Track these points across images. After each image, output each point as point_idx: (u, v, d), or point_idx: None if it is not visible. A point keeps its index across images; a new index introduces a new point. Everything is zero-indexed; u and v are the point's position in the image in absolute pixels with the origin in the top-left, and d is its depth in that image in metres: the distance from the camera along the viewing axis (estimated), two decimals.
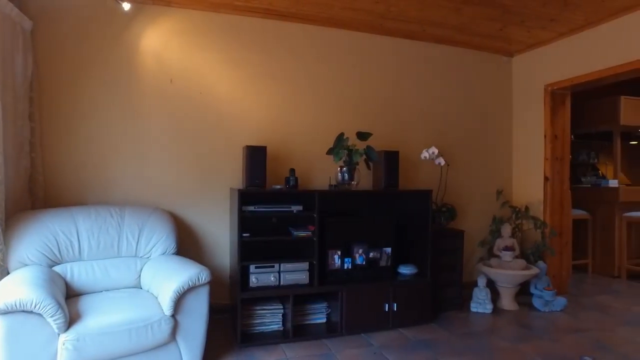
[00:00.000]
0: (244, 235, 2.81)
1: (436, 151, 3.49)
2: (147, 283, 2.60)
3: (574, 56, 3.77)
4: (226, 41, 3.33)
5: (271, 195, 3.18)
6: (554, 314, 3.52)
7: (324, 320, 3.17)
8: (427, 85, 4.01)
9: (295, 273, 2.93)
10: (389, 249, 3.18)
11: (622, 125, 5.03)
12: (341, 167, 3.16)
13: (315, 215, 2.93)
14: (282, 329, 2.98)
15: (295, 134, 3.50)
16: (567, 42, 3.86)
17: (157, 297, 2.37)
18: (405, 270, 3.26)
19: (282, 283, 2.90)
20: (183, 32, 3.23)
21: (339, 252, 3.06)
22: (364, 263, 3.13)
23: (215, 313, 3.18)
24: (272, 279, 2.87)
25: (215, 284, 3.19)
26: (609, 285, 4.50)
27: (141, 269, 2.69)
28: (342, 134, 3.12)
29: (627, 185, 5.96)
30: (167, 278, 2.35)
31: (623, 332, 3.13)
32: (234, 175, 3.33)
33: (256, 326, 2.93)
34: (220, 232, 3.31)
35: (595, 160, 6.60)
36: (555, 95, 4.02)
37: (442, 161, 3.53)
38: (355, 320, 3.00)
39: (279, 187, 2.98)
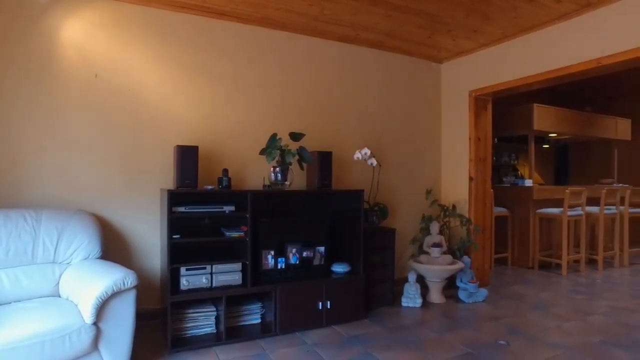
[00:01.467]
0: (174, 236, 2.73)
1: (368, 152, 3.60)
2: (66, 291, 2.44)
3: (494, 65, 4.07)
4: (157, 37, 3.21)
5: (203, 196, 3.12)
6: (477, 304, 3.76)
7: (259, 321, 3.16)
8: (361, 88, 4.13)
9: (228, 274, 2.89)
10: (322, 248, 3.23)
11: (536, 130, 5.51)
12: (274, 168, 3.17)
13: (247, 216, 2.92)
14: (215, 331, 2.93)
15: (228, 133, 3.46)
16: (488, 52, 4.15)
17: (77, 305, 2.24)
18: (339, 268, 3.33)
19: (214, 285, 2.85)
20: (109, 25, 3.06)
21: (273, 252, 3.07)
22: (298, 262, 3.16)
23: (146, 318, 3.07)
24: (204, 280, 2.82)
25: (145, 288, 3.09)
26: (524, 276, 4.90)
27: (60, 276, 2.53)
28: (274, 135, 3.13)
29: (540, 184, 6.53)
30: (89, 284, 2.23)
31: (532, 317, 3.43)
32: (165, 176, 3.22)
33: (188, 330, 2.86)
34: (150, 234, 3.19)
35: (516, 162, 7.16)
36: (478, 101, 4.31)
37: (374, 162, 3.65)
38: (289, 320, 3.02)
39: (210, 187, 2.93)
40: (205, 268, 2.82)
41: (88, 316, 2.10)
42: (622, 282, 4.70)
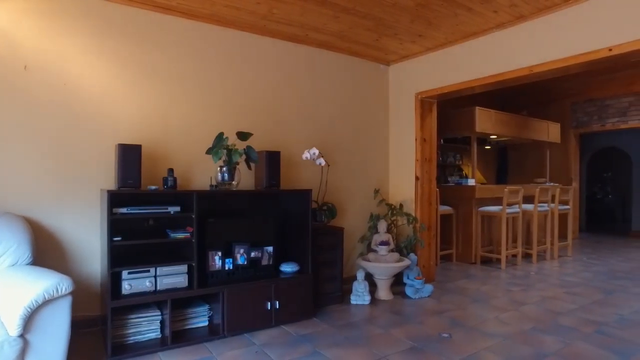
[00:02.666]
0: (115, 239, 2.61)
1: (317, 152, 3.63)
2: None
3: (439, 69, 4.23)
4: (95, 29, 3.05)
5: (147, 197, 3.02)
6: (423, 300, 3.90)
7: (206, 324, 3.09)
8: (310, 88, 4.16)
9: (173, 276, 2.81)
10: (270, 248, 3.22)
11: (478, 132, 5.79)
12: (221, 167, 3.11)
13: (193, 216, 2.85)
14: (160, 336, 2.83)
15: (174, 132, 3.36)
16: (433, 56, 4.32)
17: (0, 317, 2.08)
18: (287, 268, 3.33)
19: (159, 288, 2.76)
20: (41, 13, 2.87)
21: (220, 253, 3.02)
22: (246, 263, 3.12)
23: (85, 326, 2.93)
24: (148, 284, 2.72)
25: (83, 295, 2.94)
26: (468, 271, 5.14)
27: None
28: (221, 134, 3.08)
29: (482, 184, 6.88)
30: (16, 292, 2.07)
31: (473, 309, 3.61)
32: (106, 176, 3.07)
33: (130, 336, 2.74)
34: (90, 238, 3.02)
35: (460, 162, 7.48)
36: (424, 103, 4.47)
37: (322, 162, 3.68)
38: (237, 321, 2.98)
39: (154, 187, 2.83)
40: (148, 271, 2.72)
41: (14, 328, 1.95)
42: (552, 273, 5.05)
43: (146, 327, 2.79)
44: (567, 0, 3.17)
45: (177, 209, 2.87)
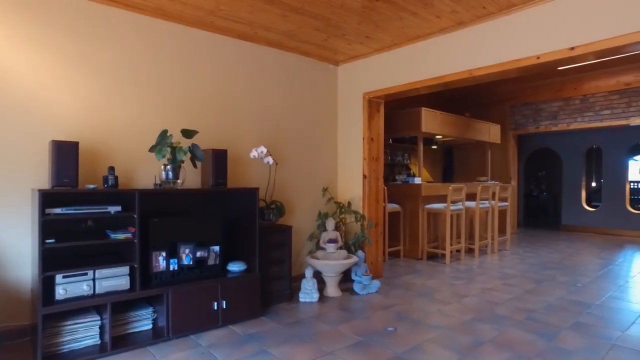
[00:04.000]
0: (48, 241, 2.47)
1: (265, 150, 3.62)
2: None
3: (386, 70, 4.35)
4: (31, 19, 2.86)
5: (85, 196, 2.88)
6: (370, 295, 3.99)
7: (150, 326, 3.00)
8: (259, 86, 4.13)
9: (113, 279, 2.70)
10: (217, 247, 3.17)
11: (424, 132, 6.00)
12: (165, 166, 3.02)
13: (135, 216, 2.75)
14: (99, 342, 2.71)
15: (116, 129, 3.22)
16: (380, 58, 4.43)
17: None
18: (235, 267, 3.30)
19: (98, 291, 2.64)
20: None
21: (164, 254, 2.94)
22: (192, 263, 3.06)
23: (13, 338, 2.74)
24: (86, 288, 2.59)
25: (11, 303, 2.75)
26: (414, 266, 5.32)
27: None
28: (165, 131, 2.99)
29: (429, 182, 7.14)
30: None
31: (418, 303, 3.75)
32: (39, 175, 2.89)
33: (65, 344, 2.60)
34: (20, 241, 2.83)
35: (408, 161, 7.72)
36: (372, 103, 4.57)
37: (270, 160, 3.68)
38: (183, 322, 2.92)
39: (93, 186, 2.70)
40: (86, 274, 2.60)
41: None
42: (492, 267, 5.34)
43: (83, 333, 2.66)
44: (502, 10, 3.36)
45: (118, 208, 2.76)
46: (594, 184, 10.25)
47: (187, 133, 3.09)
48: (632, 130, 8.20)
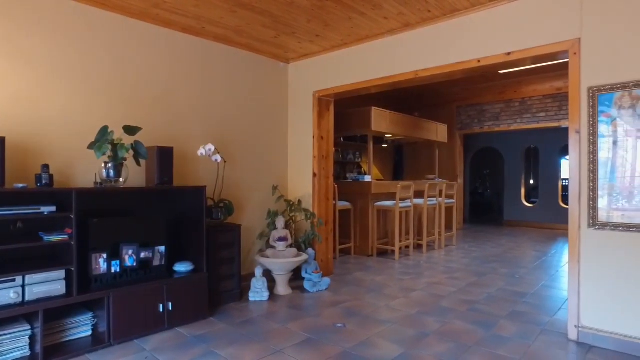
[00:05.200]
0: None
1: (213, 148, 3.55)
2: None
3: (336, 69, 4.39)
4: None
5: (14, 196, 2.68)
6: (321, 293, 4.02)
7: (90, 333, 2.85)
8: (208, 82, 4.04)
9: (47, 284, 2.54)
10: (162, 248, 3.07)
11: (374, 130, 6.12)
12: (106, 164, 2.88)
13: (72, 217, 2.60)
14: (29, 354, 2.52)
15: (50, 124, 3.02)
16: (330, 57, 4.46)
17: None
18: (181, 267, 3.21)
19: (28, 298, 2.47)
20: None
21: (105, 256, 2.80)
22: (135, 264, 2.94)
23: None
24: (13, 295, 2.42)
25: None
26: (365, 263, 5.42)
27: None
28: (105, 127, 2.85)
29: (379, 180, 7.30)
30: None
31: (367, 299, 3.82)
32: None
33: None
34: None
35: (360, 160, 7.84)
36: (322, 102, 4.60)
37: (219, 158, 3.61)
38: (126, 327, 2.80)
39: (22, 185, 2.52)
40: (13, 280, 2.42)
41: None
42: (439, 261, 5.55)
43: (10, 345, 2.45)
44: (445, 14, 3.49)
45: (53, 208, 2.60)
46: (532, 182, 10.91)
47: (130, 129, 2.96)
48: (564, 132, 8.79)
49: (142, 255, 2.97)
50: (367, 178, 5.88)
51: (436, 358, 2.58)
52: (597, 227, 2.79)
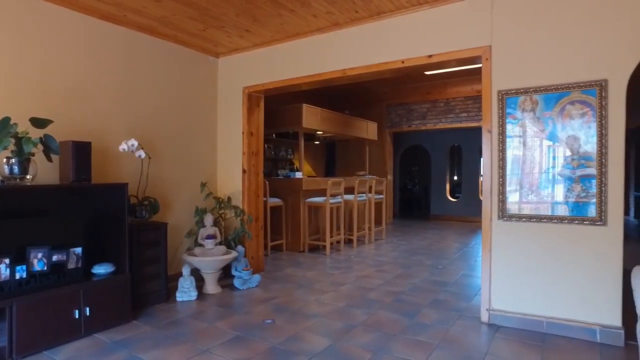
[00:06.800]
0: None
1: (136, 143, 3.38)
2: None
3: (266, 65, 4.36)
4: None
5: None
6: (251, 290, 3.99)
7: None
8: (130, 74, 3.83)
9: None
10: (79, 249, 2.88)
11: (305, 127, 6.18)
12: (9, 159, 2.63)
13: None
14: None
15: None
16: (260, 52, 4.42)
17: None
18: (101, 269, 3.03)
19: None
20: None
21: (8, 261, 2.56)
22: (46, 269, 2.72)
23: None
24: None
25: None
26: (296, 259, 5.46)
27: None
28: (7, 119, 2.58)
29: (311, 176, 7.38)
30: None
31: (297, 294, 3.86)
32: None
33: None
34: None
35: (292, 156, 7.87)
36: (251, 97, 4.55)
37: (142, 154, 3.44)
38: (33, 338, 2.57)
39: None
40: None
41: None
42: (368, 255, 5.74)
43: None
44: (372, 15, 3.61)
45: None
46: (456, 178, 11.63)
47: (39, 122, 2.72)
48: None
49: (55, 258, 2.76)
50: (298, 175, 5.92)
51: (362, 348, 2.67)
52: (505, 218, 3.05)
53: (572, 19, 2.80)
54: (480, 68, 3.18)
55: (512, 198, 3.03)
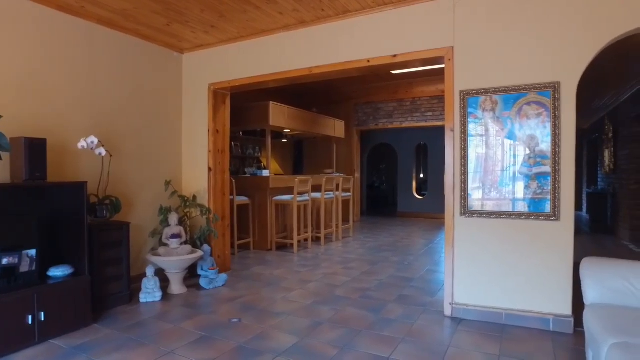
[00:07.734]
0: None
1: (96, 141, 3.26)
2: None
3: (232, 62, 4.30)
4: None
5: None
6: (217, 289, 3.94)
7: None
8: (88, 68, 3.68)
9: None
10: (33, 251, 2.75)
11: (272, 125, 6.15)
12: None
13: None
14: None
15: None
16: (226, 49, 4.36)
17: None
18: (58, 272, 2.91)
19: None
20: None
21: None
22: None
23: None
24: None
25: None
26: (264, 257, 5.43)
27: None
28: None
29: (278, 174, 7.36)
30: None
31: (265, 293, 3.85)
32: None
33: None
34: None
35: (259, 154, 7.82)
36: (217, 94, 4.48)
37: (103, 151, 3.33)
38: None
39: None
40: None
41: None
42: (336, 253, 5.78)
43: None
44: (338, 14, 3.63)
45: None
46: (422, 176, 11.88)
47: None
48: None
49: (5, 261, 2.62)
50: (265, 173, 5.89)
51: (328, 345, 2.69)
52: (467, 215, 3.15)
53: (528, 22, 2.91)
54: (444, 68, 3.26)
55: (475, 195, 3.13)
